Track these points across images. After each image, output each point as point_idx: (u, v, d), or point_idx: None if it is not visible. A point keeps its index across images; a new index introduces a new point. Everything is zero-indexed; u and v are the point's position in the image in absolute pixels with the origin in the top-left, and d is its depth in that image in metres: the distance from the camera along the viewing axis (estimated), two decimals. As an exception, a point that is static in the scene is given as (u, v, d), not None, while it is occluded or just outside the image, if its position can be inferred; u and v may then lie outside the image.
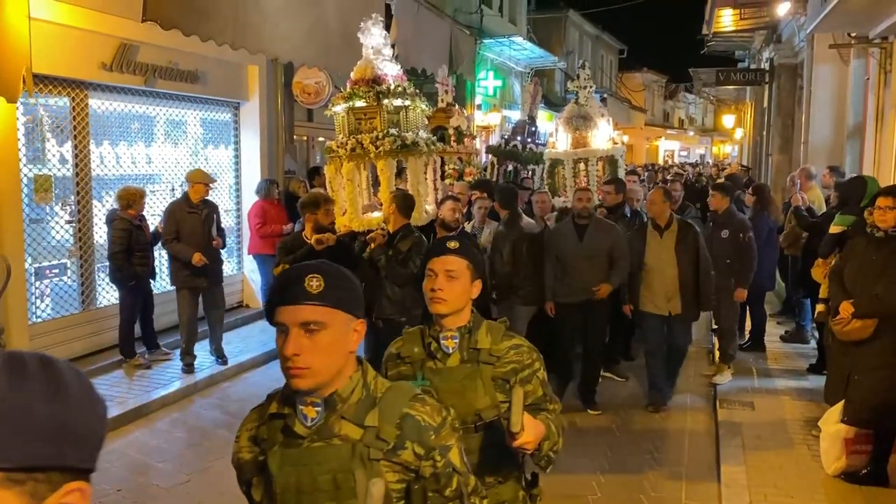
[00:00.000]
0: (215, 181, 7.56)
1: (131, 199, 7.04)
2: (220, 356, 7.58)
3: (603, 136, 8.07)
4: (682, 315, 6.17)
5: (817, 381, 6.42)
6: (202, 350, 7.61)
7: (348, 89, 5.65)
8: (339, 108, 5.69)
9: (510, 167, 10.61)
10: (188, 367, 7.26)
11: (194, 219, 7.14)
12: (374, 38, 5.71)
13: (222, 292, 7.72)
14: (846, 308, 4.60)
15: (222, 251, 7.74)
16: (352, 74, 5.71)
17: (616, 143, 8.00)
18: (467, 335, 2.31)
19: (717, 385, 6.79)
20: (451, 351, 2.29)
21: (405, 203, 5.38)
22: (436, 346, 2.31)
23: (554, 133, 8.47)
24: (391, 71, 5.68)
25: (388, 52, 5.82)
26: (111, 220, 7.14)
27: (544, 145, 11.09)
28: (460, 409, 2.10)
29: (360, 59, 5.84)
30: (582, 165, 7.96)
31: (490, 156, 11.15)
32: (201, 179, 7.21)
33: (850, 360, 4.66)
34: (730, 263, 6.76)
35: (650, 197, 6.37)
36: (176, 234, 7.11)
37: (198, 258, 6.99)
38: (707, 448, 5.60)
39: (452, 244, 2.32)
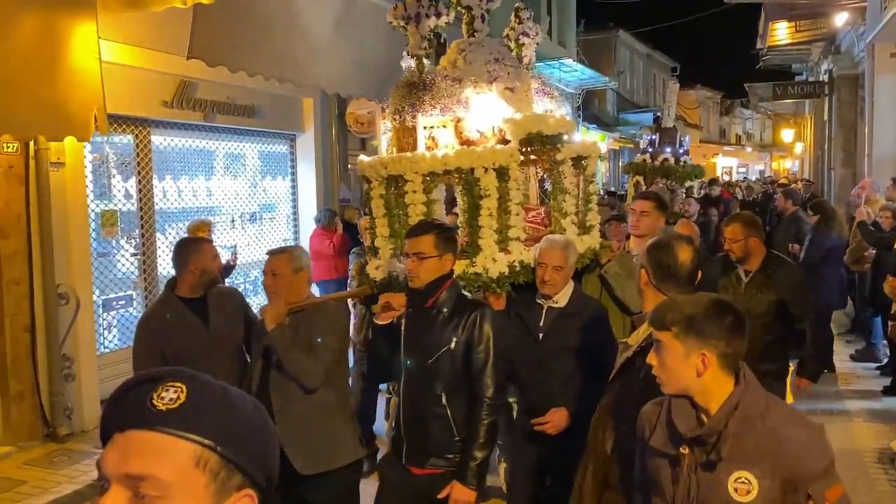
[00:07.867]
0: None
1: (196, 230, 7.31)
2: None
3: (486, 119, 3.79)
4: None
5: (892, 403, 6.15)
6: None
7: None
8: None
9: (661, 185, 8.91)
10: None
11: None
12: (419, 65, 5.77)
13: None
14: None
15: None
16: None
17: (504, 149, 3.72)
18: None
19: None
20: None
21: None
22: None
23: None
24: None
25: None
26: None
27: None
28: None
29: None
30: (391, 188, 4.10)
31: (632, 175, 9.73)
32: None
33: None
34: None
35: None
36: None
37: None
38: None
39: None
